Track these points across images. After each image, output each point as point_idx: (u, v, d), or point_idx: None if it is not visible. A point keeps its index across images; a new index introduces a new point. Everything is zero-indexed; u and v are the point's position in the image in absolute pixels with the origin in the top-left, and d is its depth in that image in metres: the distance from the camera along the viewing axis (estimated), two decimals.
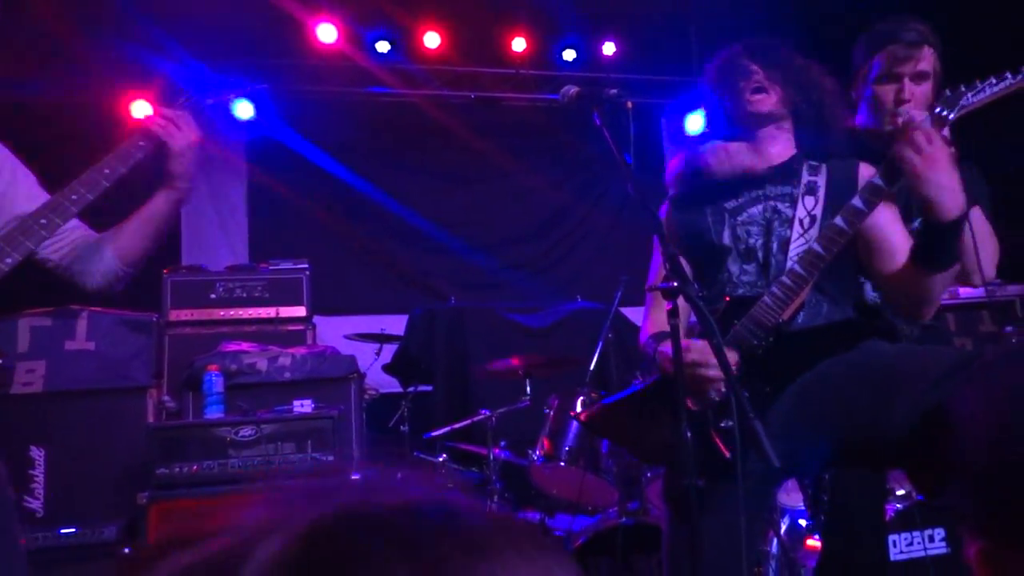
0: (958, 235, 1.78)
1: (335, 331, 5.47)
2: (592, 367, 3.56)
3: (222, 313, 4.44)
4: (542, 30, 6.54)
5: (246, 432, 3.17)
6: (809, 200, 1.94)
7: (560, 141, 6.73)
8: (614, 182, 6.55)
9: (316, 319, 5.11)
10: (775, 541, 3.06)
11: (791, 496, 3.31)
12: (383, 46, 6.30)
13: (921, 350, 2.02)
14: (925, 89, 2.26)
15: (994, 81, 1.80)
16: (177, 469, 3.06)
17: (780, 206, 1.99)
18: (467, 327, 5.24)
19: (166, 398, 3.87)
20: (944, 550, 2.88)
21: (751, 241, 1.99)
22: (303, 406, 3.31)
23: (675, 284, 1.56)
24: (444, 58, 6.49)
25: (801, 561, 3.09)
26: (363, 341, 5.14)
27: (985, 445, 0.64)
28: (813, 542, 3.17)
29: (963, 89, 1.82)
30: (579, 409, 3.11)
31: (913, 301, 1.92)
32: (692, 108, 6.52)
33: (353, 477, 0.47)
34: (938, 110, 1.80)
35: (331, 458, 3.27)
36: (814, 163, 2.02)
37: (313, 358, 3.72)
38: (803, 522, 3.25)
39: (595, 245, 6.75)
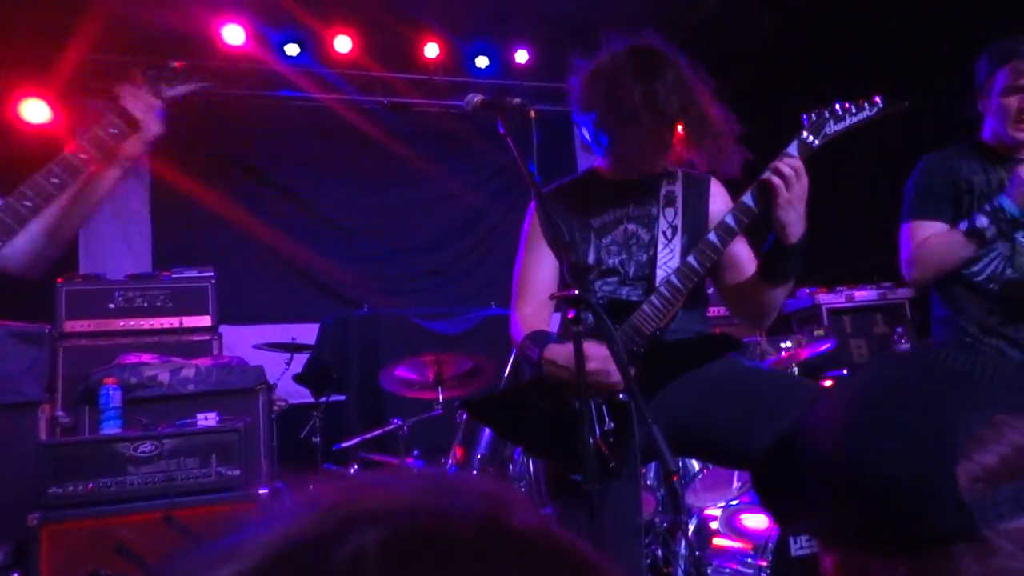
0: (802, 255, 1.95)
1: (243, 341, 5.33)
2: (507, 373, 3.57)
3: (121, 324, 4.26)
4: (455, 37, 6.55)
5: (146, 448, 3.05)
6: (669, 211, 2.04)
7: (475, 147, 6.73)
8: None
9: (223, 329, 4.96)
10: (683, 542, 3.13)
11: (699, 497, 3.40)
12: (292, 49, 6.19)
13: (780, 375, 2.20)
14: None
15: (854, 111, 1.94)
16: (71, 488, 2.91)
17: (640, 231, 2.08)
18: (380, 335, 5.17)
19: (60, 413, 3.69)
20: None
21: (611, 261, 2.07)
22: (207, 419, 3.21)
23: (576, 292, 1.58)
24: (356, 62, 6.42)
25: (708, 560, 3.17)
26: (273, 351, 5.01)
27: (833, 448, 0.65)
28: (720, 541, 3.26)
29: (827, 116, 1.94)
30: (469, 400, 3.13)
31: (756, 311, 2.11)
32: None
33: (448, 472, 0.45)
34: (804, 136, 1.91)
35: (238, 472, 3.18)
36: (670, 170, 2.11)
37: (219, 369, 3.61)
38: (712, 522, 3.34)
39: (510, 250, 6.71)
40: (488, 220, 7.04)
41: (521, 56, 6.75)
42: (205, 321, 4.51)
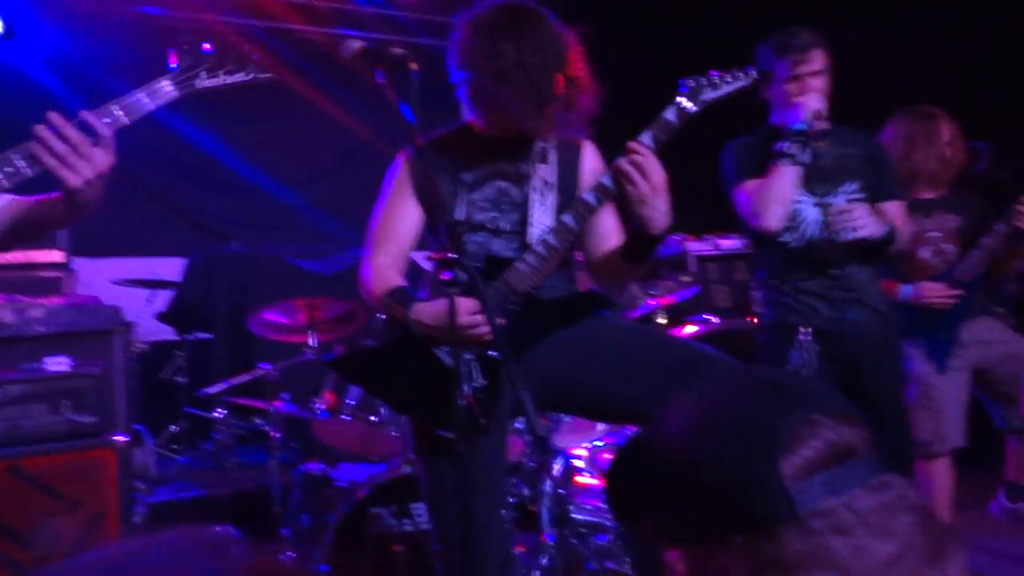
0: (657, 246, 2.03)
1: (100, 276, 5.02)
2: (383, 317, 3.52)
3: None
4: None
5: None
6: (543, 168, 2.06)
7: (363, 81, 6.45)
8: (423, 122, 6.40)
9: (77, 263, 4.66)
10: (548, 481, 3.24)
11: (566, 438, 3.52)
12: None
13: (650, 333, 2.32)
14: (821, 83, 2.61)
15: (729, 79, 2.04)
16: None
17: (511, 188, 2.08)
18: (250, 273, 5.00)
19: None
20: None
21: (480, 217, 2.07)
22: (57, 363, 3.03)
23: (454, 256, 1.57)
24: None
25: (571, 497, 3.31)
26: (133, 287, 4.77)
27: (675, 453, 0.75)
28: (583, 479, 3.40)
29: (704, 83, 2.02)
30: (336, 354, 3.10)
31: (612, 282, 2.24)
32: None
33: None
34: (680, 103, 1.96)
35: (93, 419, 3.03)
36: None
37: (70, 309, 3.38)
38: (577, 462, 3.47)
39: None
40: (371, 151, 6.81)
41: None
42: (55, 256, 4.22)
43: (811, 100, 2.52)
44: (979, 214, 3.20)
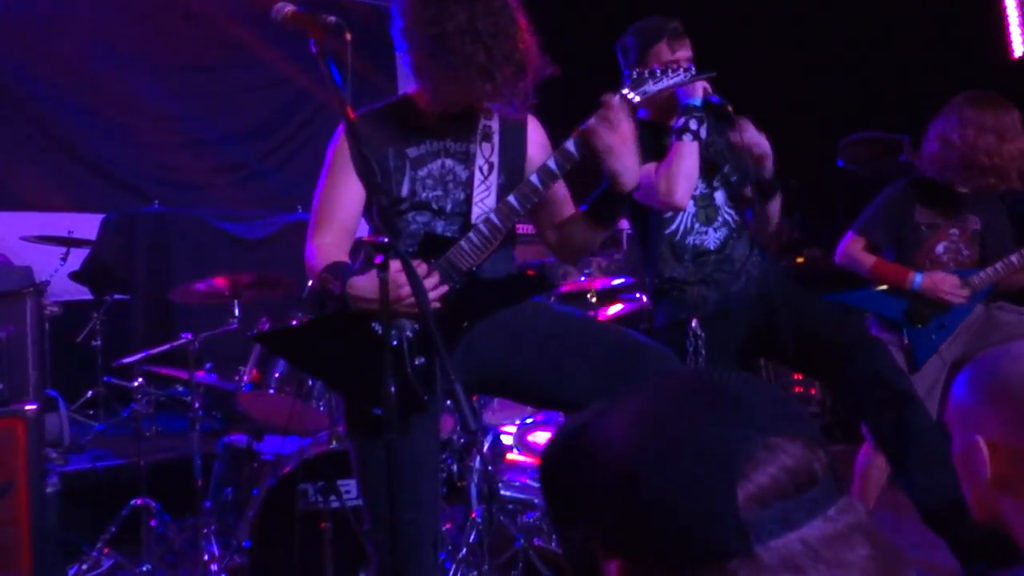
0: (624, 206, 2.07)
1: (9, 230, 4.77)
2: (307, 291, 3.43)
3: None
4: None
5: None
6: (486, 147, 2.03)
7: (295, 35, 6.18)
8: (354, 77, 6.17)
9: None
10: (478, 457, 3.25)
11: (496, 415, 3.53)
12: None
13: (587, 320, 2.32)
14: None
15: (670, 73, 2.05)
16: None
17: (457, 167, 2.05)
18: (171, 236, 4.80)
19: None
20: None
21: (425, 195, 2.04)
22: None
23: (387, 240, 1.53)
24: None
25: (500, 475, 3.33)
26: (46, 244, 4.53)
27: (620, 463, 0.68)
28: (512, 456, 3.42)
29: (647, 76, 2.03)
30: (264, 329, 3.02)
31: (574, 250, 2.20)
32: None
33: None
34: (625, 93, 1.97)
35: (0, 386, 2.88)
36: (487, 106, 2.08)
37: None
38: (505, 439, 3.49)
39: (323, 149, 6.33)
40: (303, 112, 6.58)
41: None
42: None
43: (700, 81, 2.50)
44: (997, 217, 3.10)
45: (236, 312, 3.25)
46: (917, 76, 4.85)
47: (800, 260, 5.53)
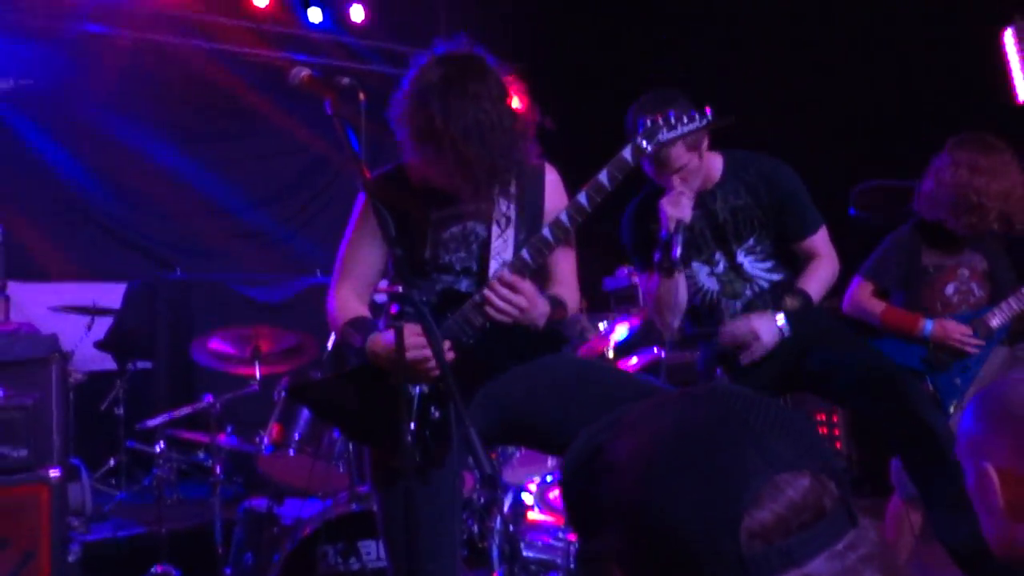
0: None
1: (37, 302, 4.85)
2: (330, 347, 3.46)
3: None
4: None
5: None
6: (503, 201, 2.06)
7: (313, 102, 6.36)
8: (369, 150, 6.28)
9: (12, 287, 4.48)
10: (498, 518, 3.21)
11: (516, 473, 3.49)
12: None
13: (605, 369, 2.32)
14: (691, 164, 2.47)
15: (685, 120, 2.05)
16: None
17: (478, 227, 2.08)
18: (193, 301, 4.88)
19: None
20: None
21: (448, 258, 2.07)
22: None
23: (401, 290, 1.56)
24: (178, 2, 5.93)
25: (522, 534, 3.28)
26: (71, 314, 4.61)
27: (628, 487, 0.69)
28: (533, 515, 3.38)
29: (660, 124, 2.06)
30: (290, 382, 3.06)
31: None
32: None
33: None
34: (639, 141, 2.00)
35: (24, 453, 2.91)
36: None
37: (3, 338, 3.25)
38: (527, 497, 3.45)
39: (341, 213, 6.42)
40: (323, 177, 6.71)
41: (356, 13, 6.51)
42: None
43: (674, 207, 2.41)
44: (1001, 261, 3.08)
45: (257, 375, 3.27)
46: (927, 123, 4.89)
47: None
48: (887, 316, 3.02)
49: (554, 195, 2.18)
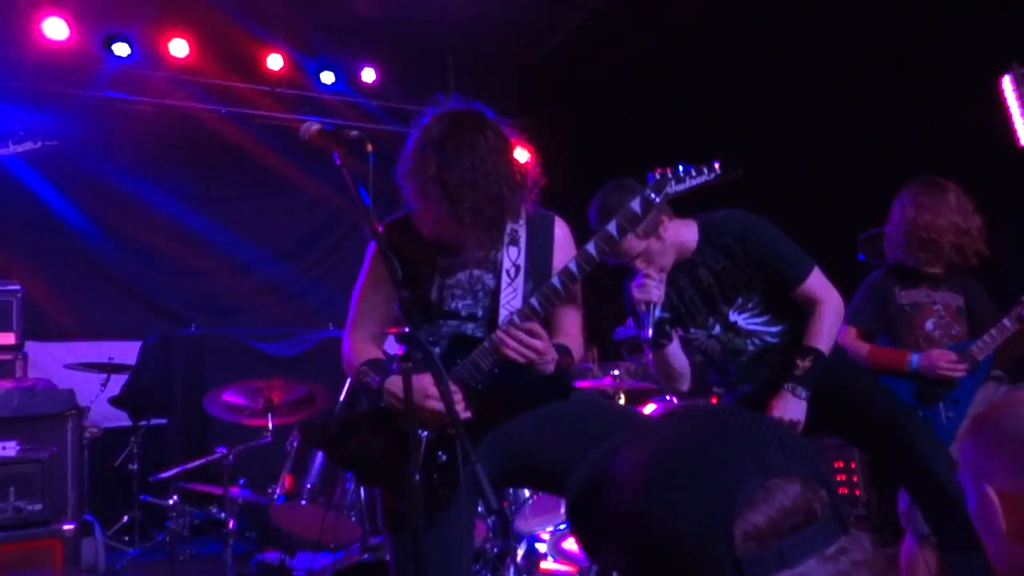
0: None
1: (53, 359, 4.92)
2: (342, 399, 3.49)
3: None
4: (299, 50, 6.41)
5: None
6: (512, 250, 2.10)
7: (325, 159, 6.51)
8: (380, 202, 6.40)
9: (29, 346, 4.56)
10: (512, 567, 3.18)
11: (528, 522, 3.47)
12: (122, 49, 5.82)
13: (612, 408, 2.35)
14: (651, 248, 2.52)
15: (694, 173, 2.09)
16: None
17: (485, 276, 2.12)
18: (207, 356, 4.93)
19: None
20: None
21: (454, 304, 2.11)
22: (5, 448, 2.94)
23: (408, 330, 1.59)
24: (193, 68, 6.13)
25: None
26: (87, 371, 4.67)
27: (628, 500, 0.72)
28: (546, 564, 3.35)
29: (669, 176, 2.09)
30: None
31: None
32: None
33: None
34: (647, 193, 2.04)
35: (39, 507, 2.93)
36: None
37: (21, 393, 3.30)
38: (540, 547, 3.42)
39: (354, 267, 6.49)
40: (336, 232, 6.82)
41: (368, 74, 6.70)
42: (8, 339, 4.12)
43: (640, 291, 2.44)
44: (980, 297, 3.19)
45: (270, 426, 3.29)
46: (932, 169, 4.95)
47: None
48: (874, 356, 3.10)
49: (563, 247, 2.22)
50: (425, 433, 1.98)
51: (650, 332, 2.42)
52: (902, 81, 5.23)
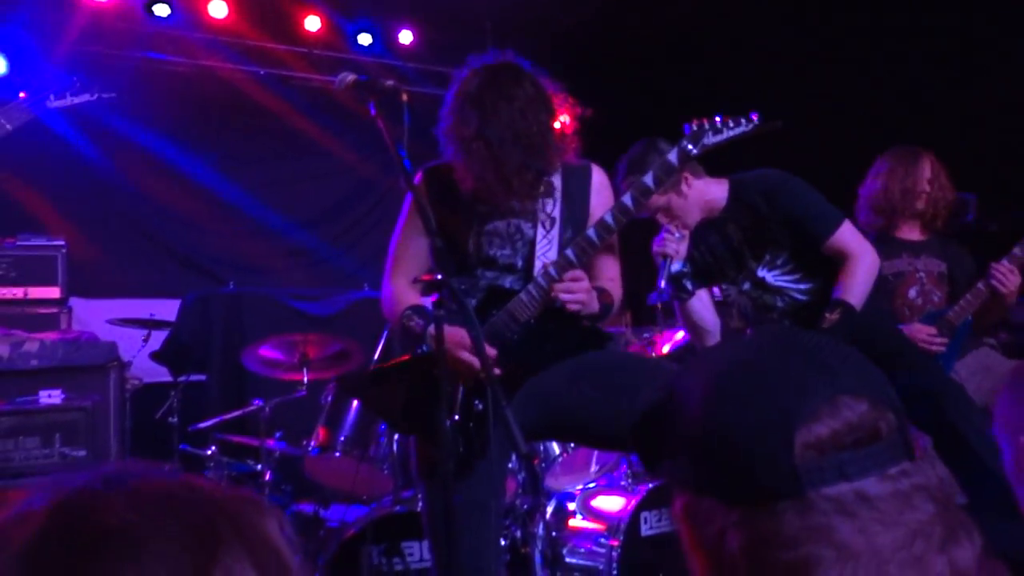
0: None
1: (96, 315, 5.03)
2: (376, 356, 3.53)
3: None
4: (337, 11, 6.40)
5: None
6: (548, 201, 2.10)
7: (367, 120, 6.53)
8: (415, 161, 6.41)
9: (74, 302, 4.68)
10: (541, 523, 3.22)
11: (558, 480, 3.50)
12: (162, 9, 5.86)
13: (644, 359, 2.38)
14: (673, 204, 2.61)
15: (731, 124, 2.07)
16: None
17: (524, 225, 2.12)
18: (245, 314, 5.00)
19: None
20: None
21: (492, 251, 2.11)
22: (51, 397, 3.03)
23: (440, 277, 1.60)
24: (231, 29, 6.16)
25: (564, 540, 3.28)
26: (129, 327, 4.76)
27: (695, 410, 0.73)
28: (575, 522, 3.38)
29: (707, 127, 2.06)
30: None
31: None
32: None
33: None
34: (684, 144, 2.02)
35: (83, 453, 3.02)
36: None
37: (65, 344, 3.40)
38: (570, 504, 3.45)
39: (387, 233, 6.54)
40: (370, 197, 6.86)
41: (405, 37, 6.67)
42: (53, 293, 4.24)
43: (660, 244, 2.53)
44: (962, 262, 3.27)
45: (305, 380, 3.35)
46: (980, 139, 4.83)
47: None
48: None
49: (600, 195, 2.22)
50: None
51: (663, 283, 2.46)
52: (946, 44, 5.09)
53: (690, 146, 2.07)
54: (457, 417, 1.96)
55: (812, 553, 0.65)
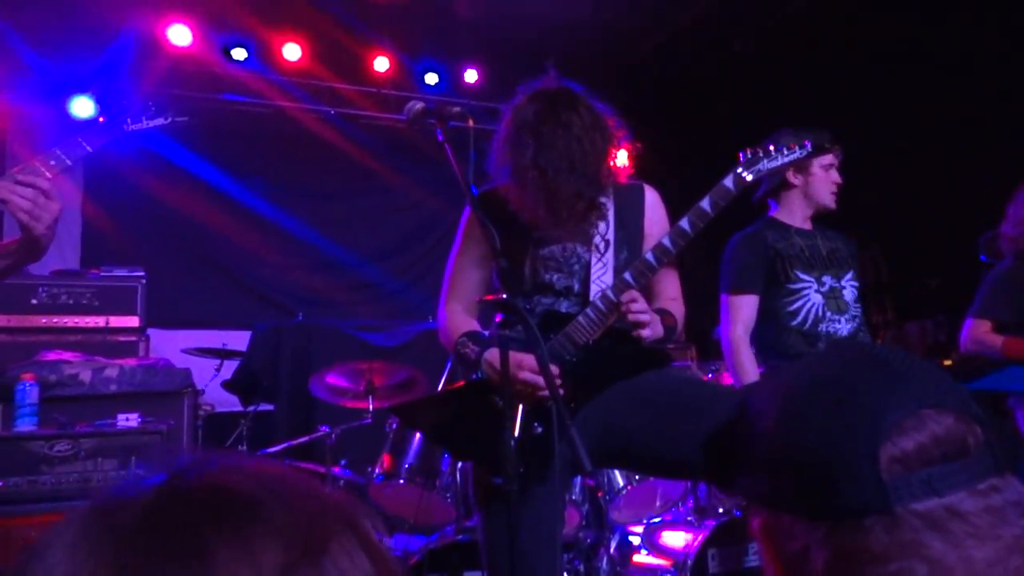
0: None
1: (172, 345, 5.20)
2: (440, 386, 3.56)
3: (44, 320, 4.14)
4: (404, 53, 6.58)
5: (62, 447, 2.96)
6: (601, 225, 2.09)
7: (432, 157, 6.72)
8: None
9: (152, 332, 4.85)
10: (605, 557, 3.16)
11: (622, 513, 3.44)
12: (239, 53, 6.13)
13: (707, 384, 2.35)
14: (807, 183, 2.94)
15: (785, 151, 2.06)
16: None
17: (579, 248, 2.12)
18: (313, 345, 5.11)
19: None
20: None
21: (548, 276, 2.10)
22: (128, 420, 3.14)
23: (505, 297, 1.61)
24: (305, 71, 6.39)
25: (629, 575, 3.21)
26: (202, 356, 4.91)
27: (773, 425, 0.72)
28: (640, 557, 3.31)
29: (761, 155, 2.05)
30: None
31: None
32: None
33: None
34: (739, 171, 2.02)
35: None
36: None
37: (143, 370, 3.53)
38: (633, 539, 3.38)
39: None
40: (435, 231, 7.00)
41: (470, 76, 6.81)
42: (132, 322, 4.40)
43: None
44: None
45: (370, 407, 3.39)
46: None
47: (948, 363, 5.21)
48: (1009, 347, 3.12)
49: (654, 214, 2.21)
50: (521, 407, 1.99)
51: None
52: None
53: (745, 172, 2.07)
54: (518, 436, 1.95)
55: (904, 568, 0.64)
